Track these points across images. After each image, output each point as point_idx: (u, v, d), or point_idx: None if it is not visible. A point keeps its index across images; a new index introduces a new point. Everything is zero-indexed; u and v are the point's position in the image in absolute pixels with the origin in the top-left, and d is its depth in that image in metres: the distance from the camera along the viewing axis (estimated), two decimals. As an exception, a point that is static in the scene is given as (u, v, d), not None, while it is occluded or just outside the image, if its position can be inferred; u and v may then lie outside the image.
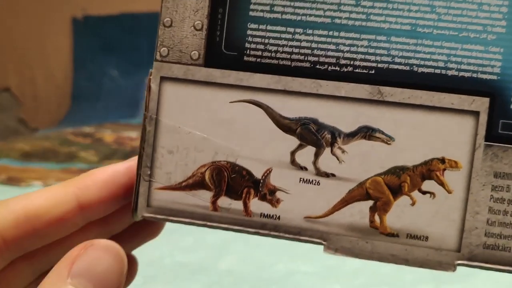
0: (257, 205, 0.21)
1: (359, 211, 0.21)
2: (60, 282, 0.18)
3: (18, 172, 0.84)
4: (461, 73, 0.20)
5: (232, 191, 0.21)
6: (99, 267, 0.18)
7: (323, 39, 0.21)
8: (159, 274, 0.49)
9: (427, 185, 0.20)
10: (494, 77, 0.20)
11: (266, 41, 0.21)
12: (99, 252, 0.19)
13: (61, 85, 1.26)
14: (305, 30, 0.21)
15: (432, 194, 0.20)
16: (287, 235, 0.21)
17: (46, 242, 0.21)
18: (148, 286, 0.47)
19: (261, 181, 0.21)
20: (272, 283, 0.48)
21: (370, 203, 0.21)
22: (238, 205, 0.21)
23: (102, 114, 1.18)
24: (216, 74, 0.21)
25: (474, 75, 0.20)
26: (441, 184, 0.20)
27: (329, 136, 0.21)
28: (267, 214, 0.21)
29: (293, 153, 0.21)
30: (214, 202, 0.21)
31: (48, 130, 1.15)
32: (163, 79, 0.21)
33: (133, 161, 0.22)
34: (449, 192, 0.20)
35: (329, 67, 0.21)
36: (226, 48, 0.21)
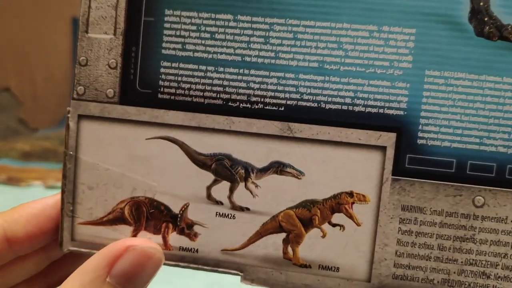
0: (176, 239, 0.22)
1: (273, 243, 0.21)
2: (98, 280, 0.18)
3: (18, 172, 0.85)
4: (368, 109, 0.20)
5: (151, 226, 0.22)
6: (139, 272, 0.19)
7: (234, 76, 0.21)
8: (159, 274, 0.50)
9: (337, 218, 0.21)
10: (401, 113, 0.20)
11: (179, 78, 0.21)
12: (141, 258, 0.19)
13: (61, 85, 1.25)
14: (216, 68, 0.21)
15: (341, 226, 0.21)
16: (205, 267, 0.22)
17: None
18: (147, 286, 0.48)
19: (179, 215, 0.21)
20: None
21: (283, 235, 0.21)
22: (157, 239, 0.22)
23: (102, 114, 1.18)
24: (132, 112, 0.21)
25: (381, 110, 0.20)
26: (350, 217, 0.21)
27: (243, 171, 0.21)
28: (186, 248, 0.22)
29: (209, 188, 0.21)
30: (134, 236, 0.22)
31: (48, 130, 1.16)
32: (80, 117, 0.22)
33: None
34: (358, 224, 0.21)
35: (241, 104, 0.21)
36: (140, 86, 0.21)
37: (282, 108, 0.21)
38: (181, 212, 0.21)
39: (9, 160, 0.93)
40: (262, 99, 0.21)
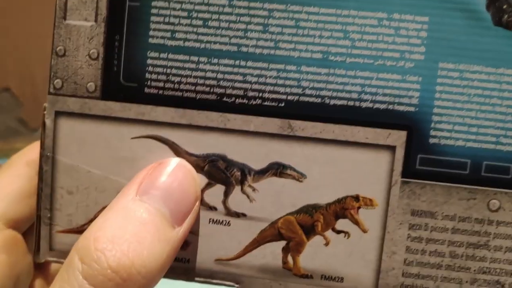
0: None
1: (271, 252, 0.19)
2: (127, 201, 0.17)
3: (19, 173, 0.82)
4: (376, 105, 0.19)
5: None
6: (167, 182, 0.18)
7: (229, 69, 0.19)
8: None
9: (342, 224, 0.19)
10: (412, 109, 0.19)
11: (169, 71, 0.19)
12: (167, 169, 0.18)
13: (62, 86, 1.22)
14: (210, 59, 0.19)
15: (346, 233, 0.19)
16: (198, 279, 0.20)
17: None
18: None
19: (168, 222, 0.20)
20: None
21: (282, 243, 0.19)
22: (144, 247, 0.20)
23: (101, 113, 1.16)
24: (115, 108, 0.19)
25: (390, 106, 0.19)
26: (356, 223, 0.19)
27: (239, 173, 0.19)
28: (176, 258, 0.20)
29: (201, 192, 0.19)
30: (118, 245, 0.20)
31: (48, 130, 1.13)
32: (58, 114, 0.19)
33: None
34: (364, 231, 0.19)
35: (237, 100, 0.19)
36: (124, 79, 0.19)
37: (282, 104, 0.19)
38: (170, 218, 0.19)
39: (9, 160, 0.91)
40: (260, 94, 0.19)
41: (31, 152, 0.21)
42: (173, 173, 0.18)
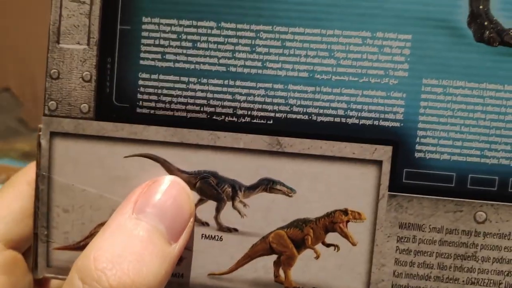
0: None
1: (263, 266, 0.20)
2: (124, 219, 0.18)
3: (18, 173, 0.83)
4: (362, 121, 0.19)
5: None
6: (162, 200, 0.18)
7: (218, 88, 0.19)
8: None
9: (331, 237, 0.20)
10: (397, 124, 0.19)
11: (159, 91, 0.20)
12: (162, 187, 0.18)
13: (61, 86, 1.23)
14: (199, 79, 0.19)
15: (336, 246, 0.20)
16: None
17: None
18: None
19: (162, 238, 0.20)
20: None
21: (274, 257, 0.20)
22: (139, 263, 0.20)
23: (101, 113, 1.17)
24: (108, 128, 0.20)
25: (376, 122, 0.19)
26: (345, 236, 0.19)
27: (230, 189, 0.20)
28: (170, 272, 0.20)
29: (193, 208, 0.20)
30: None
31: (48, 130, 1.14)
32: (53, 134, 0.20)
33: None
34: (354, 244, 0.19)
35: (226, 118, 0.19)
36: (117, 100, 0.20)
37: (271, 121, 0.19)
38: (164, 234, 0.20)
39: (9, 160, 0.91)
40: (249, 112, 0.19)
41: (32, 171, 0.22)
42: (168, 190, 0.19)
